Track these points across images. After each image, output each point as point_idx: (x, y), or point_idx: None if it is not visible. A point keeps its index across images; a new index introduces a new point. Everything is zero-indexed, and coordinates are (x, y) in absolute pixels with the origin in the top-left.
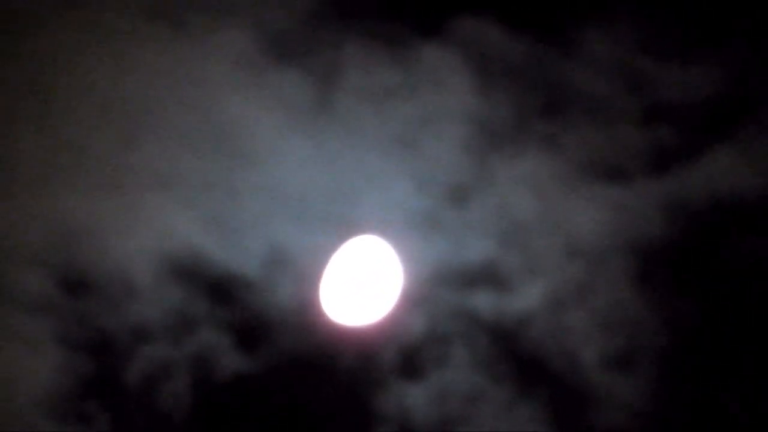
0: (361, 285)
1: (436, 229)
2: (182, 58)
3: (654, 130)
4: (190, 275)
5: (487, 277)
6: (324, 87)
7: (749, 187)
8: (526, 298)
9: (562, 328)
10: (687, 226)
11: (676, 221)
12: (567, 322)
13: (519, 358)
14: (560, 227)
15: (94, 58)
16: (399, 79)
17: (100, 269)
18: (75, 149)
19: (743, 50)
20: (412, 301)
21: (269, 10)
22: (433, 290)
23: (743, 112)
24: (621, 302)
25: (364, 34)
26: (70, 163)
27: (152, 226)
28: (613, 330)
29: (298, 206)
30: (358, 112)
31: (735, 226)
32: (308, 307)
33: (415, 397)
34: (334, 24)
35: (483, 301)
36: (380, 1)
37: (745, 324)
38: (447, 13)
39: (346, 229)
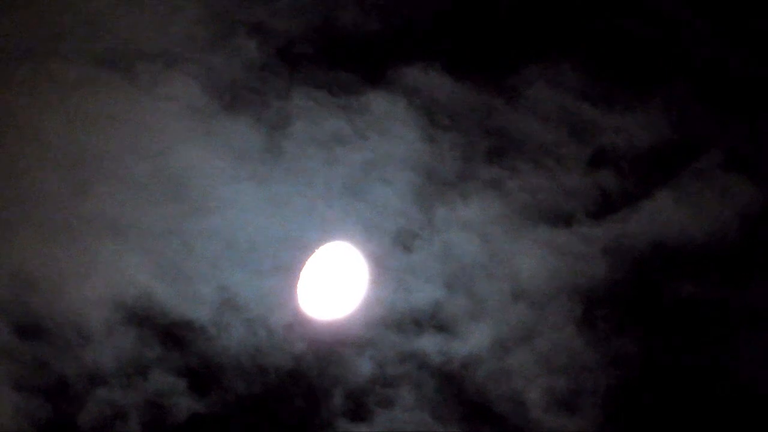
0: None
1: (382, 273)
2: (133, 107)
3: (597, 176)
4: (144, 321)
5: (433, 320)
6: (273, 135)
7: (690, 232)
8: (472, 340)
9: (507, 370)
10: (629, 269)
11: (619, 264)
12: (512, 364)
13: (465, 400)
14: (505, 271)
15: (45, 108)
16: (346, 127)
17: (55, 315)
18: (28, 198)
19: (684, 98)
20: (358, 344)
21: (218, 60)
22: (380, 333)
23: (684, 159)
24: (565, 344)
25: (311, 83)
26: (23, 211)
27: (106, 272)
28: (557, 371)
29: (249, 252)
30: (307, 159)
31: (676, 269)
32: (258, 349)
33: None
34: (281, 73)
35: (429, 344)
36: (327, 51)
37: (685, 364)
38: (392, 62)
39: (296, 273)
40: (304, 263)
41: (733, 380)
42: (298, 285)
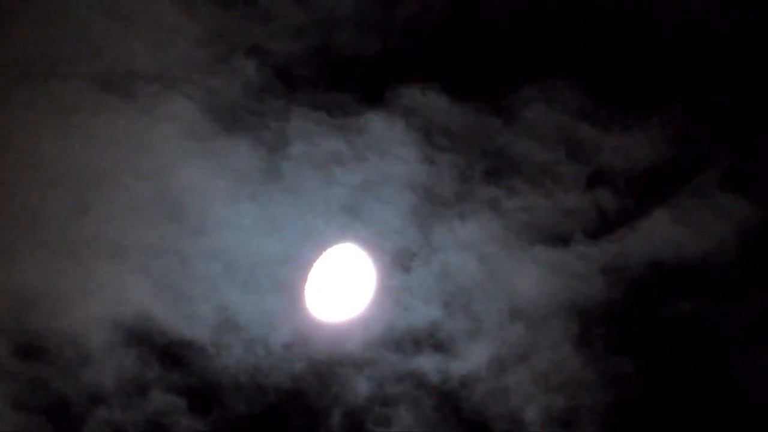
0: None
1: (381, 292)
2: (133, 128)
3: (594, 195)
4: (143, 340)
5: (431, 339)
6: (272, 156)
7: (686, 251)
8: (470, 359)
9: (505, 389)
10: (627, 288)
11: (616, 283)
12: (510, 382)
13: (463, 419)
14: (503, 290)
15: (44, 129)
16: (344, 148)
17: (54, 335)
18: (28, 219)
19: (681, 118)
20: (357, 363)
21: (217, 82)
22: (378, 353)
23: (681, 178)
24: (562, 362)
25: (309, 105)
26: (24, 232)
27: (105, 292)
28: (554, 390)
29: (248, 272)
30: (305, 179)
31: (673, 288)
32: (257, 369)
33: None
34: (280, 95)
35: (428, 363)
36: (325, 72)
37: (682, 382)
38: (390, 83)
39: (295, 293)
40: (303, 283)
41: (731, 398)
42: (296, 305)
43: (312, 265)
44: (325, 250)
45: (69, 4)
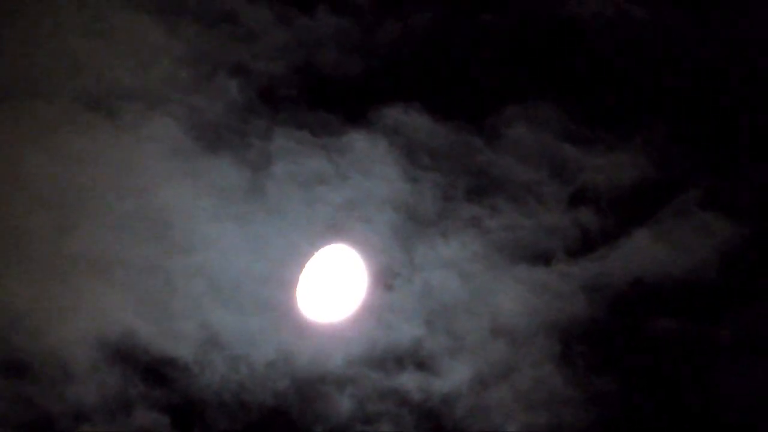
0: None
1: (363, 311)
2: (116, 147)
3: (576, 214)
4: (127, 358)
5: (413, 357)
6: (255, 175)
7: (668, 269)
8: (452, 377)
9: (486, 407)
10: (608, 307)
11: (597, 302)
12: (491, 400)
13: None
14: (484, 308)
15: (28, 147)
16: (328, 167)
17: (38, 353)
18: (13, 237)
19: (663, 139)
20: (339, 381)
21: (201, 101)
22: (361, 371)
23: (662, 198)
24: (544, 380)
25: (293, 124)
26: (7, 250)
27: (89, 310)
28: (536, 408)
29: (232, 290)
30: (288, 198)
31: (654, 306)
32: (241, 386)
33: None
34: (263, 114)
35: (410, 381)
36: (308, 92)
37: (664, 400)
38: (373, 102)
39: (278, 311)
40: (286, 301)
41: (713, 415)
42: (280, 323)
43: (295, 284)
44: (307, 268)
45: (52, 23)
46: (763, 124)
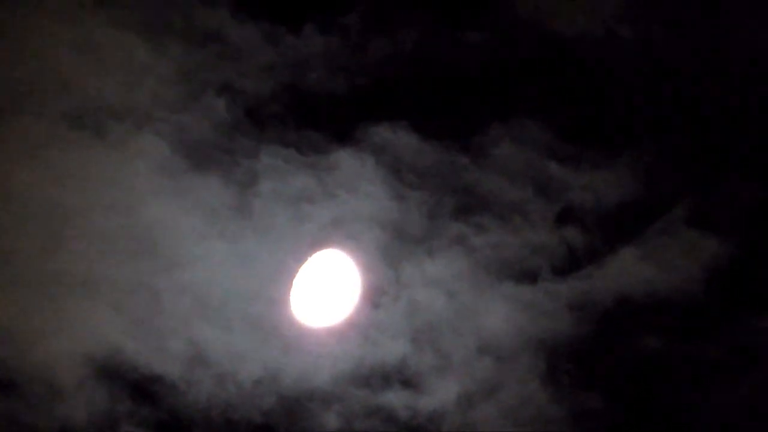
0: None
1: (350, 329)
2: (103, 165)
3: (563, 233)
4: (114, 375)
5: (399, 375)
6: (242, 193)
7: (654, 287)
8: (438, 395)
9: (472, 424)
10: (594, 325)
11: (583, 320)
12: (477, 418)
13: None
14: (471, 326)
15: (14, 165)
16: (314, 185)
17: (25, 370)
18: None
19: (649, 157)
20: (325, 399)
21: (188, 120)
22: (347, 389)
23: (649, 216)
24: (530, 398)
25: (279, 142)
26: None
27: (76, 327)
28: (522, 425)
29: (219, 308)
30: (275, 216)
31: (641, 324)
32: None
33: None
34: (250, 133)
35: (396, 399)
36: (295, 110)
37: (649, 419)
38: (360, 121)
39: (265, 329)
40: (273, 319)
41: None
42: (267, 340)
43: (282, 301)
44: (294, 286)
45: (39, 41)
46: (749, 142)
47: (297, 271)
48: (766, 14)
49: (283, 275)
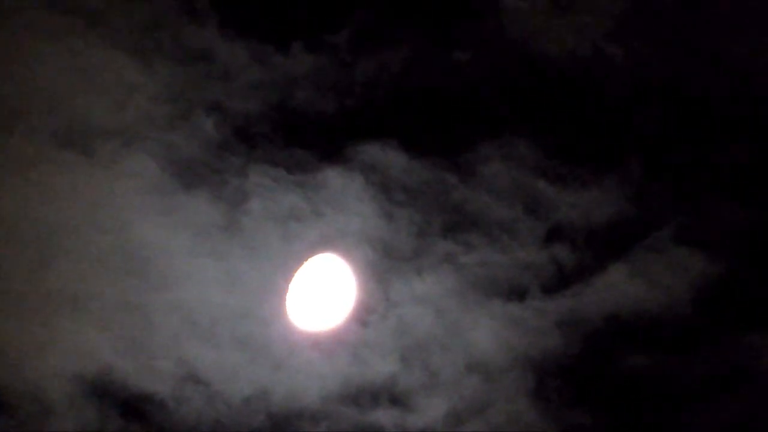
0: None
1: (339, 347)
2: (92, 184)
3: (551, 251)
4: (104, 394)
5: (388, 393)
6: (231, 211)
7: (643, 304)
8: (427, 413)
9: None
10: (582, 342)
11: (572, 337)
12: None
13: None
14: (459, 344)
15: (3, 185)
16: (303, 204)
17: (16, 389)
18: None
19: (637, 175)
20: (315, 417)
21: (176, 138)
22: (336, 407)
23: (637, 234)
24: (518, 415)
25: (268, 161)
26: None
27: (66, 346)
28: None
29: (208, 327)
30: (264, 234)
31: (629, 342)
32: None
33: None
34: (239, 151)
35: (385, 417)
36: (283, 129)
37: None
38: (349, 140)
39: (254, 347)
40: (262, 337)
41: None
42: (256, 358)
43: (271, 319)
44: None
45: (27, 60)
46: (737, 161)
47: (286, 290)
48: (754, 34)
49: (272, 293)
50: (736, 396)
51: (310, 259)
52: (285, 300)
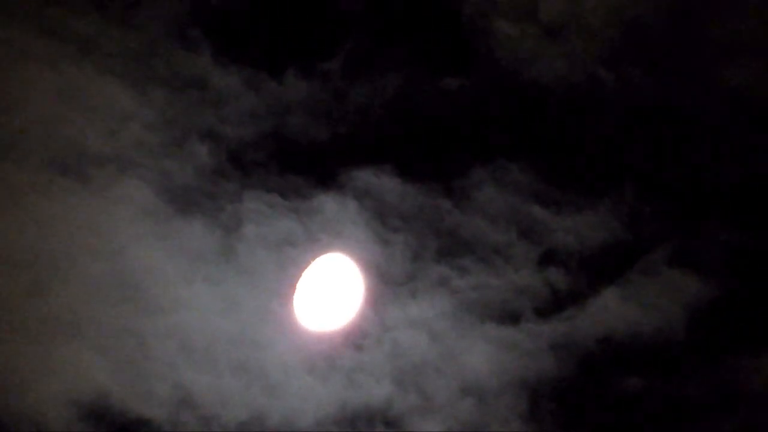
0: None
1: (334, 371)
2: (87, 210)
3: (545, 274)
4: (100, 419)
5: (383, 417)
6: (226, 237)
7: (637, 327)
8: None
9: None
10: (576, 365)
11: (566, 360)
12: None
13: None
14: (454, 367)
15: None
16: (298, 229)
17: (13, 414)
18: None
19: (630, 199)
20: None
21: (171, 165)
22: (331, 431)
23: (631, 257)
24: None
25: (263, 187)
26: None
27: (63, 371)
28: None
29: (204, 352)
30: (259, 260)
31: (623, 365)
32: None
33: None
34: (234, 178)
35: None
36: (278, 155)
37: None
38: (343, 165)
39: (249, 372)
40: (258, 361)
41: None
42: (251, 382)
43: (266, 344)
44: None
45: (22, 87)
46: (730, 184)
47: (281, 314)
48: (746, 58)
49: (267, 318)
50: (731, 418)
51: (304, 284)
52: (280, 324)
